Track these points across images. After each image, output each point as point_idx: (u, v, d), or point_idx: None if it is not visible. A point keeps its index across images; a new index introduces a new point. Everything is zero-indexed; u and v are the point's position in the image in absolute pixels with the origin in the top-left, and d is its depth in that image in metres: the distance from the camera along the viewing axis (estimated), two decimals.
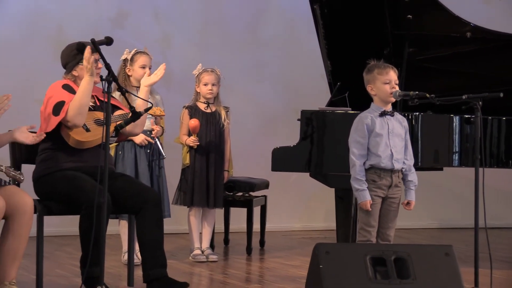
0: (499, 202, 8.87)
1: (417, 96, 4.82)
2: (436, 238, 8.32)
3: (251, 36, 8.70)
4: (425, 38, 6.47)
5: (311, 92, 8.10)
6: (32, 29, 7.82)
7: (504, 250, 7.43)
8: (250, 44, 8.70)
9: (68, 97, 4.98)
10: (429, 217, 9.08)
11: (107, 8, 8.13)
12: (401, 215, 5.04)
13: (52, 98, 4.99)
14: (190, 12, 8.45)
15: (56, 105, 4.95)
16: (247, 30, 8.70)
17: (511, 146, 6.15)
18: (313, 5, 6.46)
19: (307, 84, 8.53)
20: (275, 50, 8.76)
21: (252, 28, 8.71)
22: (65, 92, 5.01)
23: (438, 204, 9.09)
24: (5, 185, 4.60)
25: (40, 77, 7.36)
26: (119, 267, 6.00)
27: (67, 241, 7.04)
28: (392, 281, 3.98)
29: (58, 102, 4.96)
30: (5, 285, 4.55)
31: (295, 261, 6.58)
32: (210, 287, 5.56)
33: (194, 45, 8.37)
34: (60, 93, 5.01)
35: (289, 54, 8.77)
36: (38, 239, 5.04)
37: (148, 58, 6.21)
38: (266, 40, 8.74)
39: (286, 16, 8.70)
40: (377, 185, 4.90)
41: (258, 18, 8.73)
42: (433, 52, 6.58)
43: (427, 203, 8.43)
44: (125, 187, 5.10)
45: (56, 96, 5.00)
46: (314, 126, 6.07)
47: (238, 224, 7.41)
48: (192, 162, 6.44)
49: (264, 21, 8.74)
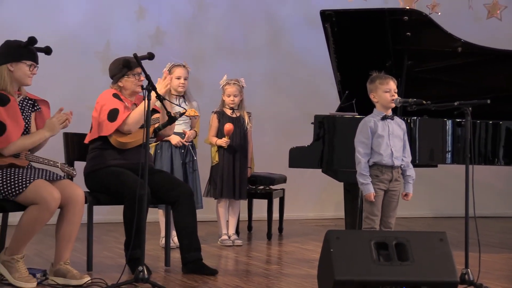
0: (486, 195, 8.80)
1: (415, 102, 4.81)
2: (432, 226, 8.28)
3: (271, 51, 8.70)
4: (422, 52, 6.43)
5: (323, 99, 8.08)
6: (84, 44, 7.85)
7: (490, 236, 7.38)
8: (270, 58, 8.69)
9: (120, 105, 5.01)
10: (425, 207, 9.04)
11: (148, 27, 8.15)
12: (401, 206, 5.03)
13: (106, 106, 5.02)
14: (220, 31, 8.46)
15: (111, 112, 4.98)
16: (268, 45, 8.69)
17: (497, 146, 6.13)
18: (325, 24, 6.45)
19: (319, 93, 8.51)
20: (291, 63, 8.74)
21: (272, 44, 8.70)
22: (116, 101, 5.04)
23: (433, 196, 9.05)
24: (61, 179, 4.61)
25: (90, 86, 7.39)
26: (158, 250, 6.01)
27: (113, 227, 7.05)
28: (393, 263, 3.97)
29: (112, 109, 4.98)
30: (60, 265, 4.57)
31: (309, 245, 6.57)
32: (235, 268, 5.57)
33: (222, 59, 8.37)
34: (112, 101, 5.03)
35: (304, 66, 8.76)
36: (88, 226, 5.09)
37: (183, 70, 6.20)
38: (284, 54, 8.73)
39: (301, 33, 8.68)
40: (380, 180, 4.88)
41: (277, 35, 8.72)
42: (429, 64, 6.55)
43: (423, 195, 8.39)
44: (162, 181, 5.12)
45: (109, 104, 5.02)
46: (325, 128, 6.06)
47: (259, 213, 7.40)
48: (221, 160, 6.45)
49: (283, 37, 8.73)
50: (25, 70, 4.55)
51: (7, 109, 4.47)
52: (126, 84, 5.13)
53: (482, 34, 7.90)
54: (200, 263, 5.06)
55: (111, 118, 4.98)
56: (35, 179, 4.44)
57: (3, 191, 4.42)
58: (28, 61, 4.54)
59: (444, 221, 8.61)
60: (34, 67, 4.58)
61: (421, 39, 6.34)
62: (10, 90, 4.53)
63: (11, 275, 4.48)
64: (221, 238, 6.49)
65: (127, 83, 5.13)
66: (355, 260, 3.93)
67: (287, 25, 8.75)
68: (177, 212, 5.10)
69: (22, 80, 4.57)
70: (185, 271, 5.05)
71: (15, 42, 4.57)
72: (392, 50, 6.38)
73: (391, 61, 6.37)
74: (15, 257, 4.49)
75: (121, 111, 4.98)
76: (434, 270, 3.97)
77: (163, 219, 6.01)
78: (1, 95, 4.48)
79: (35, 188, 4.41)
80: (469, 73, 6.56)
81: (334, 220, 8.45)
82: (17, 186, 4.41)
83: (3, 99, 4.47)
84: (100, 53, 7.91)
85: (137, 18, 8.13)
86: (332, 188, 7.87)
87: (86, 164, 5.18)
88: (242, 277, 5.00)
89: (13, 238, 4.51)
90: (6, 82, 4.51)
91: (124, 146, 5.07)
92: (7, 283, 4.49)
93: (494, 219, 8.91)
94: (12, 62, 4.52)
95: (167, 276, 4.98)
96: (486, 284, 4.47)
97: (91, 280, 4.55)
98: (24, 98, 4.66)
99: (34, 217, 4.42)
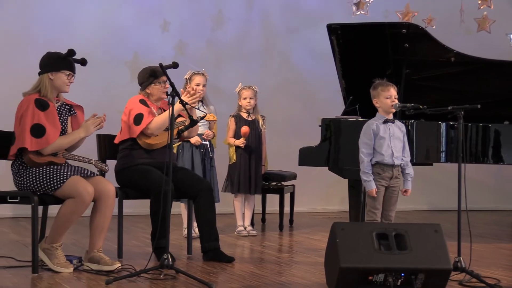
0: (477, 190, 8.78)
1: (413, 107, 4.79)
2: (427, 218, 8.26)
3: (282, 61, 8.70)
4: (419, 62, 6.41)
5: (330, 104, 8.06)
6: (114, 54, 7.89)
7: (481, 227, 7.36)
8: (282, 67, 8.70)
9: (145, 110, 5.03)
10: (421, 202, 9.02)
11: (171, 39, 8.18)
12: (400, 200, 5.02)
13: (133, 110, 5.05)
14: (236, 42, 8.47)
15: (137, 116, 5.01)
16: (280, 56, 8.70)
17: (486, 146, 6.10)
18: (331, 37, 6.44)
19: (326, 98, 8.50)
20: (301, 71, 8.76)
21: (283, 55, 8.71)
22: (142, 106, 5.06)
23: (429, 192, 9.02)
24: (94, 176, 4.64)
25: (120, 92, 7.43)
26: (181, 239, 6.02)
27: (140, 219, 7.08)
28: (393, 252, 3.96)
29: (138, 114, 5.02)
30: (94, 252, 4.59)
31: (317, 236, 6.56)
32: (250, 256, 5.57)
33: (238, 68, 8.39)
34: (138, 107, 5.06)
35: (312, 74, 8.76)
36: (119, 218, 5.11)
37: (202, 78, 6.16)
38: (294, 64, 8.74)
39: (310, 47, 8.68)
40: (381, 177, 4.87)
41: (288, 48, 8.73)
42: (425, 73, 6.53)
43: (420, 191, 8.34)
44: (184, 178, 5.13)
45: (136, 109, 5.05)
46: (332, 130, 6.05)
47: (272, 207, 7.41)
48: (238, 159, 6.46)
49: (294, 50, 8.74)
50: (63, 79, 4.58)
51: (47, 113, 4.51)
52: (153, 91, 5.16)
53: (473, 45, 7.87)
54: (219, 252, 5.06)
55: (137, 122, 5.01)
56: (71, 176, 4.47)
57: (43, 186, 4.45)
58: (66, 71, 4.58)
59: (439, 214, 8.59)
60: (71, 76, 4.62)
61: (418, 50, 6.32)
62: (50, 96, 4.57)
63: (51, 261, 4.52)
64: (237, 229, 6.50)
65: (153, 90, 5.16)
66: (359, 249, 3.93)
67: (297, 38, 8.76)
68: (197, 205, 5.11)
69: (61, 87, 4.61)
70: (205, 259, 5.06)
71: (55, 54, 4.61)
72: (392, 60, 6.36)
73: (391, 70, 6.36)
74: (54, 245, 4.52)
75: (145, 116, 5.00)
76: (429, 258, 3.96)
77: (185, 212, 6.02)
78: (42, 101, 4.52)
79: (71, 184, 4.43)
80: (461, 80, 6.54)
81: (340, 213, 8.45)
82: (55, 182, 4.43)
83: (44, 104, 4.52)
84: (129, 63, 7.94)
85: (162, 31, 8.16)
86: (337, 184, 7.86)
87: (116, 162, 5.19)
88: (257, 264, 5.00)
89: (52, 229, 4.54)
90: (47, 89, 4.55)
91: (151, 147, 5.09)
92: (47, 268, 4.53)
93: (484, 212, 8.90)
94: (52, 71, 4.56)
95: (189, 263, 4.98)
96: (476, 271, 4.45)
97: (121, 266, 4.56)
98: (62, 104, 4.69)
99: (71, 209, 4.44)
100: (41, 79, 4.58)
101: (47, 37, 7.37)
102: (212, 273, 4.61)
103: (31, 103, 4.48)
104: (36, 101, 4.50)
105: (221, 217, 6.05)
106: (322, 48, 7.50)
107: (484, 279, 4.33)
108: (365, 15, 7.40)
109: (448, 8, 8.11)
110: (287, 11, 8.77)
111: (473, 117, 5.91)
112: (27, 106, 4.47)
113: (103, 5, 7.91)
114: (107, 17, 7.92)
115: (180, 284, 4.22)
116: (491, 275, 4.60)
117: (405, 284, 3.95)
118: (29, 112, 4.45)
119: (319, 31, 7.09)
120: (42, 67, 4.60)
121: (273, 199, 7.25)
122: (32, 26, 7.61)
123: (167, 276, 4.35)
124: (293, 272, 4.74)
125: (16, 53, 7.48)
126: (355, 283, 3.94)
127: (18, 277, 4.34)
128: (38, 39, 7.40)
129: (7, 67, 7.47)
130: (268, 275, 4.58)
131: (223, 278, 4.47)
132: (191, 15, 8.28)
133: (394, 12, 7.67)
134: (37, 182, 4.45)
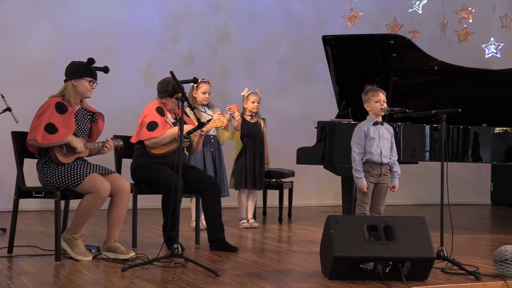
0: (458, 186, 8.79)
1: (400, 111, 4.77)
2: (413, 212, 8.24)
3: (282, 68, 8.69)
4: (405, 70, 6.40)
5: (324, 108, 8.06)
6: (130, 64, 7.88)
7: (461, 220, 7.34)
8: (281, 74, 8.68)
9: (160, 119, 5.02)
10: (408, 196, 9.00)
11: (182, 50, 8.17)
12: (388, 196, 5.00)
13: (148, 117, 5.05)
14: (240, 52, 8.46)
15: (151, 123, 5.01)
16: (279, 64, 8.68)
17: (466, 147, 6.09)
18: (326, 47, 6.43)
19: (321, 102, 8.49)
20: (299, 78, 8.75)
21: (283, 63, 8.70)
22: (157, 115, 5.05)
23: (414, 187, 9.01)
24: (111, 173, 4.63)
25: (135, 98, 7.43)
26: (189, 231, 6.01)
27: (153, 212, 7.07)
28: (382, 242, 3.95)
29: (152, 121, 5.01)
30: (111, 242, 4.58)
31: (313, 227, 6.55)
32: (253, 246, 5.55)
33: (242, 75, 8.38)
34: (154, 114, 5.05)
35: (308, 80, 8.75)
36: (133, 211, 5.10)
37: (208, 86, 6.10)
38: (293, 71, 8.73)
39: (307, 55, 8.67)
40: (371, 174, 4.86)
41: (288, 56, 8.72)
42: (411, 80, 6.52)
43: (406, 187, 8.33)
44: (193, 175, 5.12)
45: (150, 115, 5.05)
46: (326, 132, 6.04)
47: (272, 201, 7.40)
48: (243, 158, 6.43)
49: (293, 59, 8.73)
50: (86, 85, 4.58)
51: (64, 116, 4.51)
52: (167, 103, 5.15)
53: (454, 55, 7.86)
54: (224, 242, 5.05)
55: (150, 128, 5.00)
56: (90, 173, 4.46)
57: (65, 182, 4.44)
58: (88, 78, 4.58)
59: (423, 208, 8.57)
60: (93, 83, 4.62)
61: (405, 59, 6.31)
62: (72, 101, 4.57)
63: (72, 250, 4.51)
64: (241, 221, 6.48)
65: (168, 102, 5.14)
66: (351, 239, 3.92)
67: (296, 47, 8.75)
68: (204, 200, 5.10)
69: (84, 93, 4.60)
70: (212, 248, 5.04)
71: (78, 63, 4.62)
72: (381, 68, 6.35)
73: (380, 77, 6.35)
74: (75, 236, 4.52)
75: (160, 126, 4.99)
76: (415, 248, 3.95)
77: (194, 206, 6.01)
78: (63, 105, 4.53)
79: (90, 180, 4.42)
80: (444, 87, 6.53)
81: (334, 207, 8.44)
82: (76, 179, 4.43)
83: (63, 108, 4.52)
84: (143, 70, 7.93)
85: (172, 42, 8.15)
86: (332, 181, 7.86)
87: (132, 161, 5.18)
88: (258, 253, 4.99)
89: (73, 221, 4.53)
90: (70, 94, 4.56)
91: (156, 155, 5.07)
92: (68, 257, 4.52)
93: (465, 206, 8.89)
94: (76, 78, 4.56)
95: (197, 252, 4.97)
96: (457, 259, 4.44)
97: (136, 255, 4.55)
98: (82, 108, 4.68)
99: (90, 203, 4.44)
100: (66, 85, 4.59)
101: (79, 46, 7.37)
102: (218, 262, 4.60)
103: (52, 105, 4.49)
104: (56, 104, 4.51)
105: (226, 210, 6.04)
106: (318, 57, 7.48)
107: (464, 266, 4.31)
108: (357, 28, 7.41)
109: (432, 21, 8.11)
110: (287, 22, 8.76)
111: (454, 120, 5.90)
112: (48, 106, 4.49)
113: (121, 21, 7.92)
114: (121, 28, 7.91)
115: (189, 271, 4.21)
116: (470, 263, 4.60)
117: (392, 271, 3.94)
118: (48, 111, 4.46)
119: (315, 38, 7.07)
120: (66, 74, 4.60)
121: (273, 194, 7.24)
122: (68, 38, 7.58)
123: (177, 264, 4.34)
124: (292, 260, 4.73)
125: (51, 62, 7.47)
126: (348, 271, 3.94)
127: (42, 264, 4.34)
128: (72, 48, 7.38)
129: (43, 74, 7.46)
130: (269, 263, 4.57)
131: (228, 266, 4.46)
132: (200, 28, 8.27)
133: (383, 25, 7.67)
134: (60, 179, 4.45)
